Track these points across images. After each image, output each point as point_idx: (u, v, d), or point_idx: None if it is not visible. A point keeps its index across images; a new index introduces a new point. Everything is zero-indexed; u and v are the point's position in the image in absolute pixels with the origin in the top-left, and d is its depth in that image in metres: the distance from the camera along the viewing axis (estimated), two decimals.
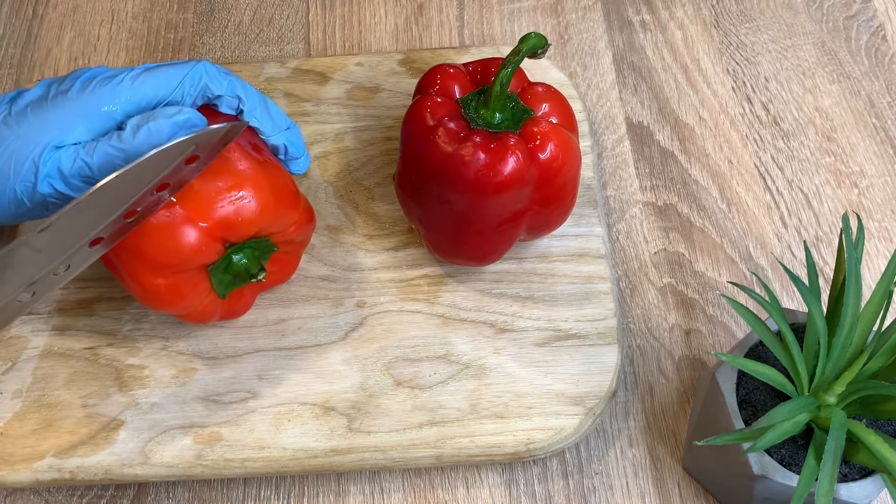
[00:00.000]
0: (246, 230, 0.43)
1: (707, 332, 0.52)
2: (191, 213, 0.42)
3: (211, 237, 0.42)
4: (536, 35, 0.43)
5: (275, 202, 0.44)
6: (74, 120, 0.41)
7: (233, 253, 0.44)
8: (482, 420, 0.47)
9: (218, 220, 0.42)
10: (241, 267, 0.45)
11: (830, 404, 0.39)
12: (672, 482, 0.48)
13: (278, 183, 0.44)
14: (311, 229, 0.48)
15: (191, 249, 0.42)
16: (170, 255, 0.42)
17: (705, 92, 0.62)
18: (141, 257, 0.42)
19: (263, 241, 0.45)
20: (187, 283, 0.44)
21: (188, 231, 0.42)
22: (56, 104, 0.41)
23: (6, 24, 0.67)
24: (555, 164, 0.45)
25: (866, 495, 0.39)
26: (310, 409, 0.47)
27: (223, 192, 0.42)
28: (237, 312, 0.48)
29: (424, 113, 0.46)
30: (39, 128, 0.41)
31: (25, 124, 0.41)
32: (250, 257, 0.45)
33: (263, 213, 0.43)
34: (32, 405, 0.48)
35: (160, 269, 0.42)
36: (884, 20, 0.65)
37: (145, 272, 0.43)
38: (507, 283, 0.51)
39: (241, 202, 0.42)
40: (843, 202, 0.57)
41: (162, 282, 0.43)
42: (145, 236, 0.42)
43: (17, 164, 0.41)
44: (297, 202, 0.46)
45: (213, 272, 0.44)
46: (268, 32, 0.66)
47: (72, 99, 0.42)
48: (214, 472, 0.46)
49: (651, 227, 0.56)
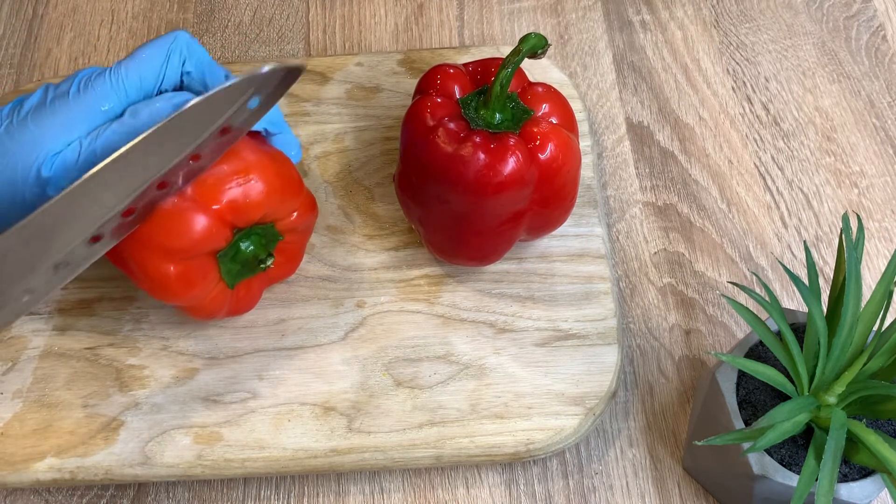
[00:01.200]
0: (253, 213, 0.44)
1: (707, 332, 0.52)
2: (199, 196, 0.42)
3: (220, 220, 0.43)
4: (536, 35, 0.43)
5: (280, 185, 0.44)
6: (73, 122, 0.41)
7: (240, 240, 0.45)
8: (482, 420, 0.47)
9: (226, 204, 0.43)
10: (249, 254, 0.45)
11: (830, 404, 0.39)
12: (672, 482, 0.48)
13: (282, 168, 0.45)
14: (313, 218, 0.48)
15: (200, 233, 0.42)
16: (181, 240, 0.42)
17: (705, 92, 0.62)
18: (151, 245, 0.43)
19: (269, 228, 0.45)
20: (197, 271, 0.44)
21: (197, 215, 0.42)
22: (54, 109, 0.42)
23: (6, 24, 0.67)
24: (555, 165, 0.45)
25: (866, 495, 0.39)
26: (310, 409, 0.48)
27: (230, 175, 0.43)
28: (244, 307, 0.48)
29: (424, 113, 0.46)
30: (40, 134, 0.41)
31: (27, 132, 0.41)
32: (257, 244, 0.45)
33: (270, 196, 0.44)
34: (33, 405, 0.48)
35: (170, 255, 0.43)
36: (884, 20, 0.65)
37: (155, 260, 0.43)
38: (507, 284, 0.51)
39: (248, 184, 0.43)
40: (843, 202, 0.57)
41: (172, 269, 0.43)
42: (155, 222, 0.42)
43: (24, 173, 0.41)
44: (301, 188, 0.46)
45: (223, 259, 0.45)
46: (268, 32, 0.66)
47: (69, 101, 0.42)
48: (214, 473, 0.46)
49: (651, 227, 0.56)
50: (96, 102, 0.42)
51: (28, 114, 0.42)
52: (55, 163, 0.41)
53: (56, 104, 0.42)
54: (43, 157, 0.41)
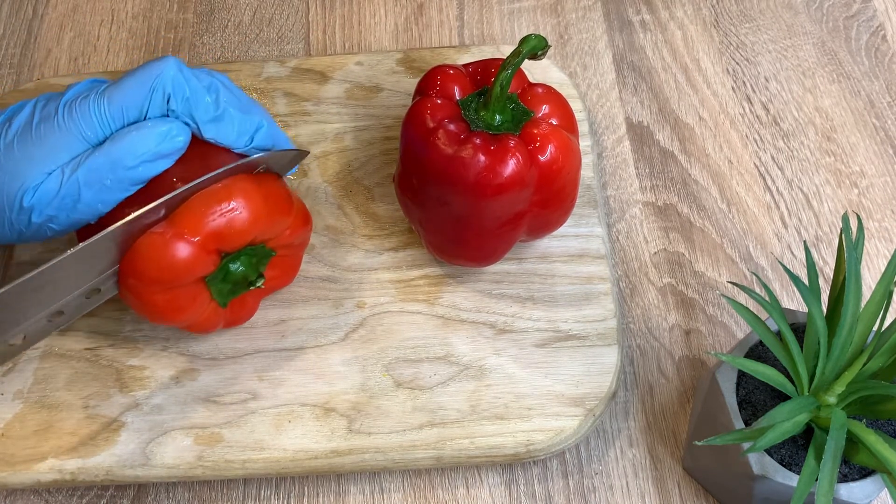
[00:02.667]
0: (239, 240, 0.43)
1: (707, 332, 0.52)
2: (181, 228, 0.41)
3: (204, 250, 0.42)
4: (537, 36, 0.43)
5: (266, 210, 0.43)
6: (56, 151, 0.42)
7: (229, 262, 0.44)
8: (482, 421, 0.47)
9: (209, 234, 0.42)
10: (239, 275, 0.44)
11: (830, 404, 0.39)
12: (672, 482, 0.48)
13: (269, 189, 0.44)
14: (307, 231, 0.47)
15: (184, 264, 0.41)
16: (164, 272, 0.41)
17: (705, 92, 0.62)
18: (137, 275, 0.42)
19: (260, 248, 0.45)
20: (186, 297, 0.43)
21: (180, 246, 0.41)
22: (40, 135, 0.42)
23: (6, 24, 0.67)
24: (555, 166, 0.45)
25: (866, 495, 0.39)
26: (310, 410, 0.48)
27: (212, 204, 0.42)
28: (241, 319, 0.48)
29: (424, 114, 0.46)
30: (25, 163, 0.41)
31: (12, 160, 0.42)
32: (247, 265, 0.45)
33: (255, 223, 0.43)
34: (33, 406, 0.48)
35: (156, 285, 0.42)
36: (884, 20, 0.65)
37: (143, 289, 0.43)
38: (507, 284, 0.51)
39: (231, 214, 0.42)
40: (843, 202, 0.57)
41: (160, 297, 0.43)
42: (138, 255, 0.41)
43: (10, 200, 0.42)
44: (290, 207, 0.45)
45: (212, 282, 0.44)
46: (268, 32, 0.66)
47: (53, 128, 0.42)
48: (215, 473, 0.46)
49: (651, 227, 0.56)
50: (79, 131, 0.42)
51: (15, 138, 0.42)
52: (37, 192, 0.41)
53: (42, 129, 0.42)
54: (26, 187, 0.41)
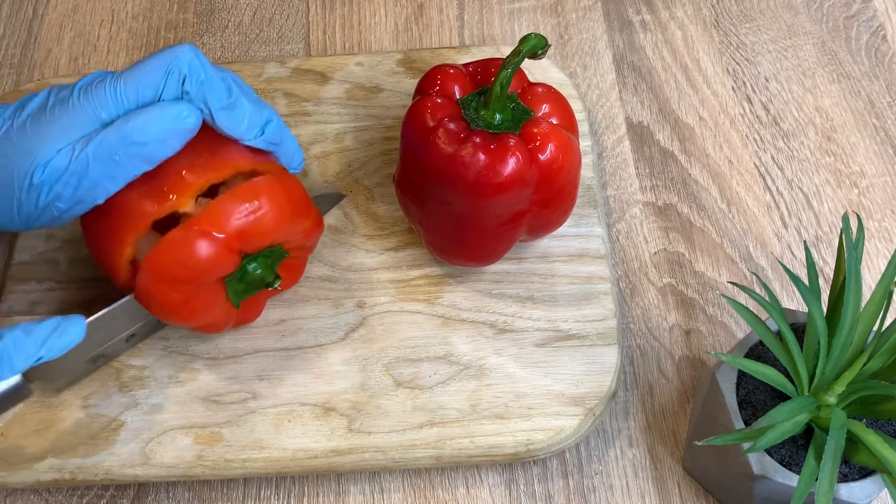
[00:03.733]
0: (262, 241, 0.43)
1: (707, 332, 0.52)
2: (208, 225, 0.41)
3: (228, 249, 0.42)
4: (537, 36, 0.43)
5: (290, 211, 0.44)
6: (69, 130, 0.41)
7: (248, 263, 0.44)
8: (482, 421, 0.47)
9: (234, 232, 0.42)
10: (257, 276, 0.45)
11: (830, 404, 0.39)
12: (672, 482, 0.48)
13: (292, 191, 0.44)
14: (319, 235, 0.48)
15: (209, 262, 0.42)
16: (188, 270, 0.42)
17: (705, 92, 0.62)
18: (158, 273, 0.42)
19: (277, 250, 0.45)
20: (204, 296, 0.43)
21: (205, 244, 0.41)
22: (53, 115, 0.41)
23: (6, 24, 0.67)
24: (555, 166, 0.45)
25: (866, 495, 0.39)
26: (310, 409, 0.48)
27: (239, 203, 0.42)
28: (250, 318, 0.48)
29: (424, 114, 0.46)
30: (37, 141, 0.41)
31: (25, 139, 0.41)
32: (264, 266, 0.45)
33: (280, 224, 0.43)
34: (33, 406, 0.48)
35: (178, 284, 0.42)
36: (884, 20, 0.65)
37: (162, 288, 0.42)
38: (507, 284, 0.51)
39: (257, 214, 0.42)
40: (843, 202, 0.57)
41: (179, 296, 0.43)
42: (164, 253, 0.41)
43: (20, 179, 0.41)
44: (310, 209, 0.45)
45: (230, 282, 0.44)
46: (268, 32, 0.66)
47: (68, 109, 0.42)
48: (215, 473, 0.46)
49: (651, 227, 0.56)
50: (94, 111, 0.42)
51: (28, 118, 0.42)
52: (46, 168, 0.41)
53: (56, 111, 0.42)
54: (37, 163, 0.41)
